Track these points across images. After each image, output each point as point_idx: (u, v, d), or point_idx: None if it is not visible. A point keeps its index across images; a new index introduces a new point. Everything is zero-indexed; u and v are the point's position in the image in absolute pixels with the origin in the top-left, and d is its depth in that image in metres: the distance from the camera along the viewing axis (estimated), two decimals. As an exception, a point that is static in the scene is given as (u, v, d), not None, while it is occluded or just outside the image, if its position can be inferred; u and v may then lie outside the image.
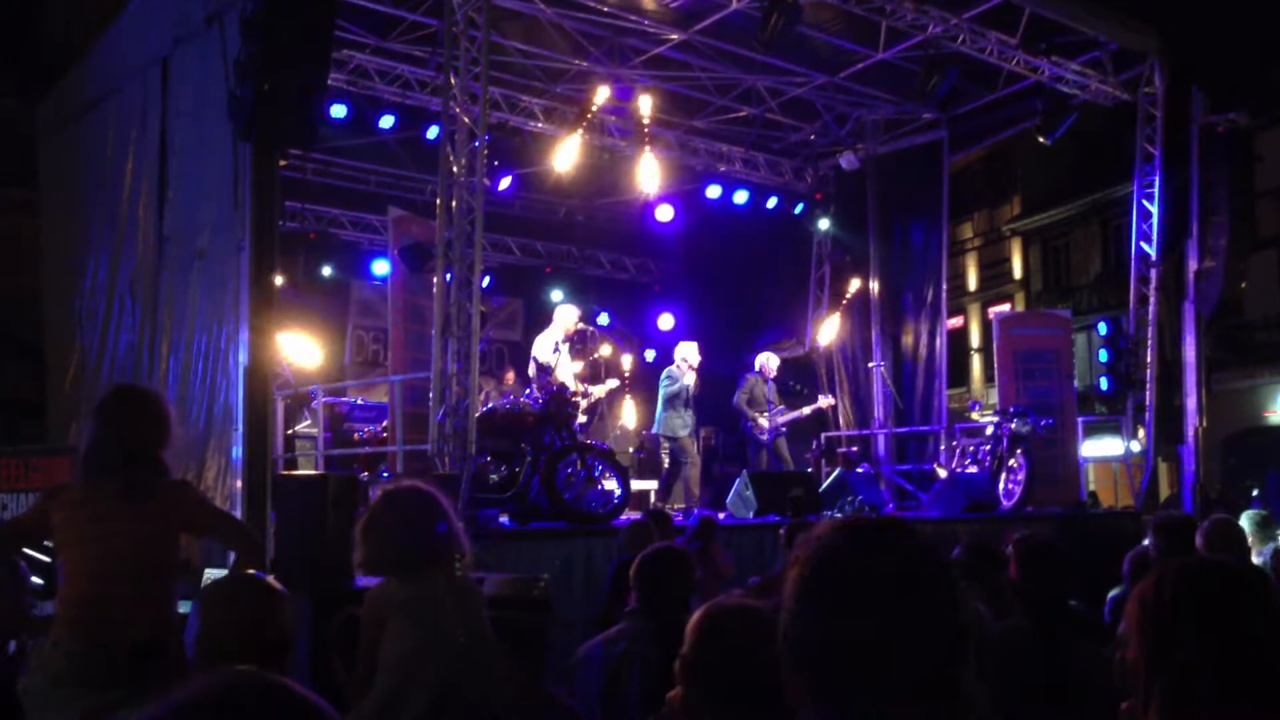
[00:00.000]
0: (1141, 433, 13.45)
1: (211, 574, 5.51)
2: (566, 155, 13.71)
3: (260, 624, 2.80)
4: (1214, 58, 14.00)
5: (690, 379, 12.15)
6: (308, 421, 12.12)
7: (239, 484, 7.05)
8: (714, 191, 15.91)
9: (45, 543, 4.42)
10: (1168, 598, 1.85)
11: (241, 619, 2.80)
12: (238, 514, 6.93)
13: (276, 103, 6.94)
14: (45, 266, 11.44)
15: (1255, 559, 5.98)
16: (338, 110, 12.40)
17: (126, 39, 9.80)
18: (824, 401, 14.05)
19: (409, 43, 12.65)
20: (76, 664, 3.66)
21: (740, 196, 16.01)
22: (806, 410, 13.75)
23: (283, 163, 7.77)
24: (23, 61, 16.08)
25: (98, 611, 3.74)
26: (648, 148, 14.00)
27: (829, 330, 15.94)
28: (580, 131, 13.63)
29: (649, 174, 14.11)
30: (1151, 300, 13.44)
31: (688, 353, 12.22)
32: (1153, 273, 13.47)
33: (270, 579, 3.01)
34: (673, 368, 12.25)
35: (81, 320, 9.98)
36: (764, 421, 12.80)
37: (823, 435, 14.79)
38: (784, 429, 13.12)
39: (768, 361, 13.25)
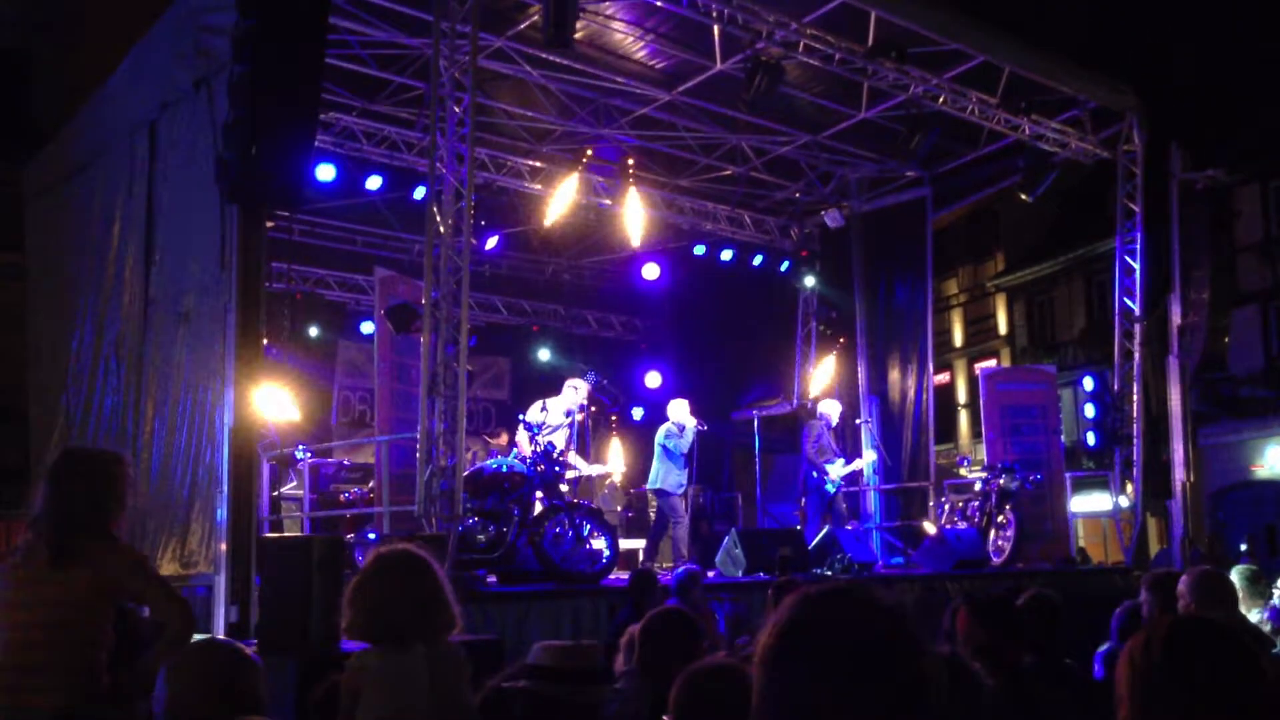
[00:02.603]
0: (1130, 488, 13.45)
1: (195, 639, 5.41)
2: (553, 213, 13.79)
3: (228, 691, 2.74)
4: (1191, 115, 14.20)
5: (690, 437, 12.04)
6: (294, 483, 12.04)
7: (223, 546, 6.98)
8: (700, 250, 16.02)
9: None
10: (1156, 657, 1.84)
11: (209, 687, 2.73)
12: (221, 578, 6.85)
13: (264, 166, 6.97)
14: (31, 330, 11.40)
15: (1252, 616, 5.93)
16: (325, 172, 12.46)
17: (114, 103, 9.86)
18: (870, 455, 13.98)
19: (396, 105, 12.77)
20: None
21: (726, 254, 16.11)
22: (859, 464, 13.74)
23: (270, 224, 7.78)
24: (10, 124, 16.16)
25: (20, 678, 3.64)
26: (633, 198, 14.07)
27: (816, 387, 15.96)
28: (566, 190, 13.72)
29: (635, 233, 14.19)
30: (1136, 355, 13.50)
31: (683, 411, 12.09)
32: (1137, 328, 13.55)
33: (240, 646, 2.96)
34: (671, 425, 12.12)
35: (67, 383, 9.93)
36: (835, 472, 12.65)
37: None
38: (841, 486, 13.01)
39: (830, 409, 13.18)
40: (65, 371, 9.99)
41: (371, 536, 9.70)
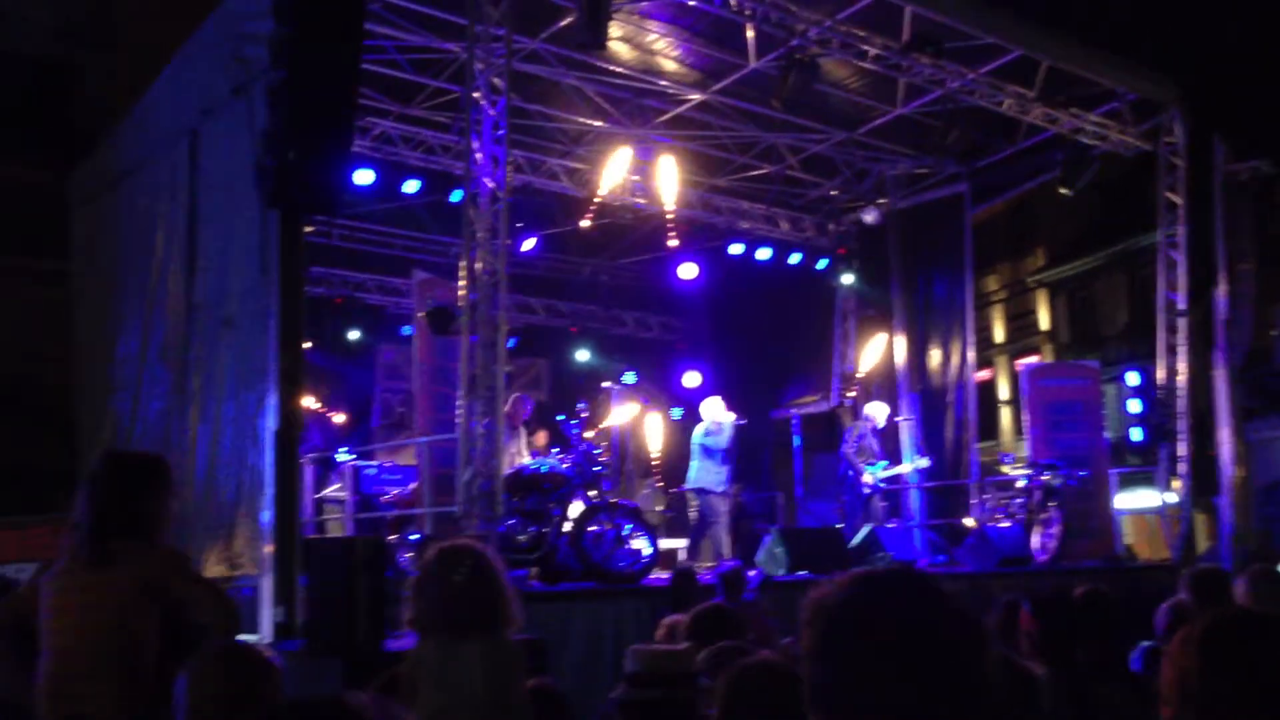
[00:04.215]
0: (1176, 484, 13.28)
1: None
2: (589, 216, 13.81)
3: (247, 696, 2.71)
4: (1234, 106, 14.00)
5: (728, 434, 12.02)
6: (336, 485, 12.14)
7: (268, 548, 7.04)
8: (737, 249, 15.97)
9: None
10: (1195, 654, 1.82)
11: (227, 692, 2.71)
12: (266, 579, 6.92)
13: (303, 171, 7.04)
14: (77, 335, 11.57)
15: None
16: (363, 176, 12.55)
17: (157, 110, 9.99)
18: (922, 461, 13.92)
19: (432, 109, 12.85)
20: None
21: (763, 253, 16.06)
22: (907, 468, 13.68)
23: (309, 229, 7.86)
24: (55, 132, 16.39)
25: (61, 686, 3.63)
26: (669, 207, 14.08)
27: (854, 385, 15.89)
28: (602, 192, 13.73)
29: (671, 234, 14.18)
30: (1181, 350, 13.33)
31: (718, 409, 12.10)
32: (1181, 322, 13.37)
33: (260, 648, 2.95)
34: (708, 423, 12.11)
35: (114, 388, 10.07)
36: (869, 477, 12.58)
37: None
38: (881, 485, 12.93)
39: (878, 412, 13.11)
40: (112, 376, 10.13)
41: (413, 537, 9.77)
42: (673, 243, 14.24)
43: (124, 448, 9.30)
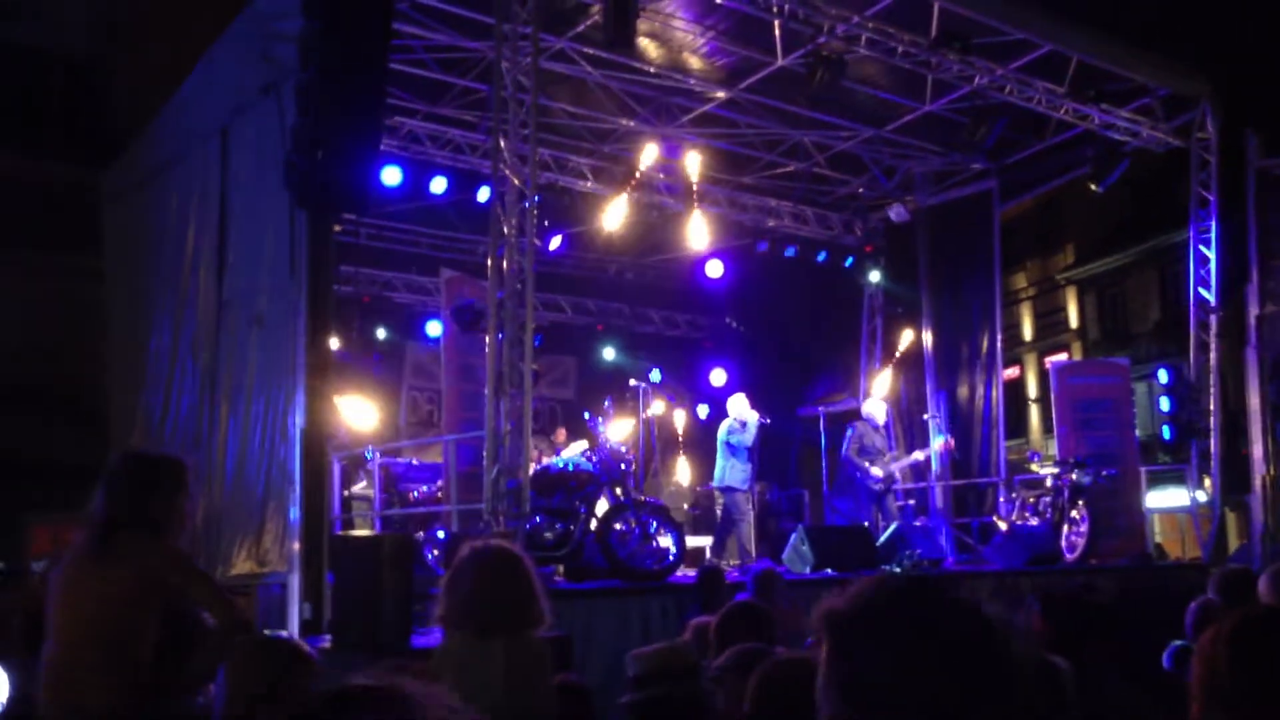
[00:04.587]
0: (1207, 482, 13.17)
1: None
2: (616, 214, 13.83)
3: (285, 686, 2.76)
4: (1266, 100, 13.85)
5: (753, 431, 12.00)
6: (364, 483, 12.21)
7: (296, 545, 7.10)
8: (763, 247, 15.94)
9: None
10: (1224, 652, 1.81)
11: (265, 683, 2.76)
12: (295, 577, 6.98)
13: (331, 169, 7.09)
14: (110, 331, 11.69)
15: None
16: (390, 175, 12.61)
17: (188, 108, 10.09)
18: (938, 443, 13.79)
19: (459, 108, 12.89)
20: None
21: (790, 251, 16.02)
22: (921, 455, 13.62)
23: (337, 228, 7.91)
24: (88, 130, 16.56)
25: (64, 676, 3.70)
26: (696, 205, 14.08)
27: (882, 383, 15.83)
28: (629, 190, 13.75)
29: (698, 231, 14.17)
30: (1213, 347, 13.21)
31: (743, 406, 12.07)
32: (1213, 319, 13.25)
33: (297, 641, 2.99)
34: (732, 420, 12.10)
35: (145, 384, 10.17)
36: (878, 470, 12.48)
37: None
38: (897, 479, 12.85)
39: (876, 409, 13.03)
40: (143, 373, 10.24)
41: (440, 535, 9.82)
42: (699, 241, 14.23)
43: (154, 444, 9.41)
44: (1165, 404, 13.61)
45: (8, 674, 4.66)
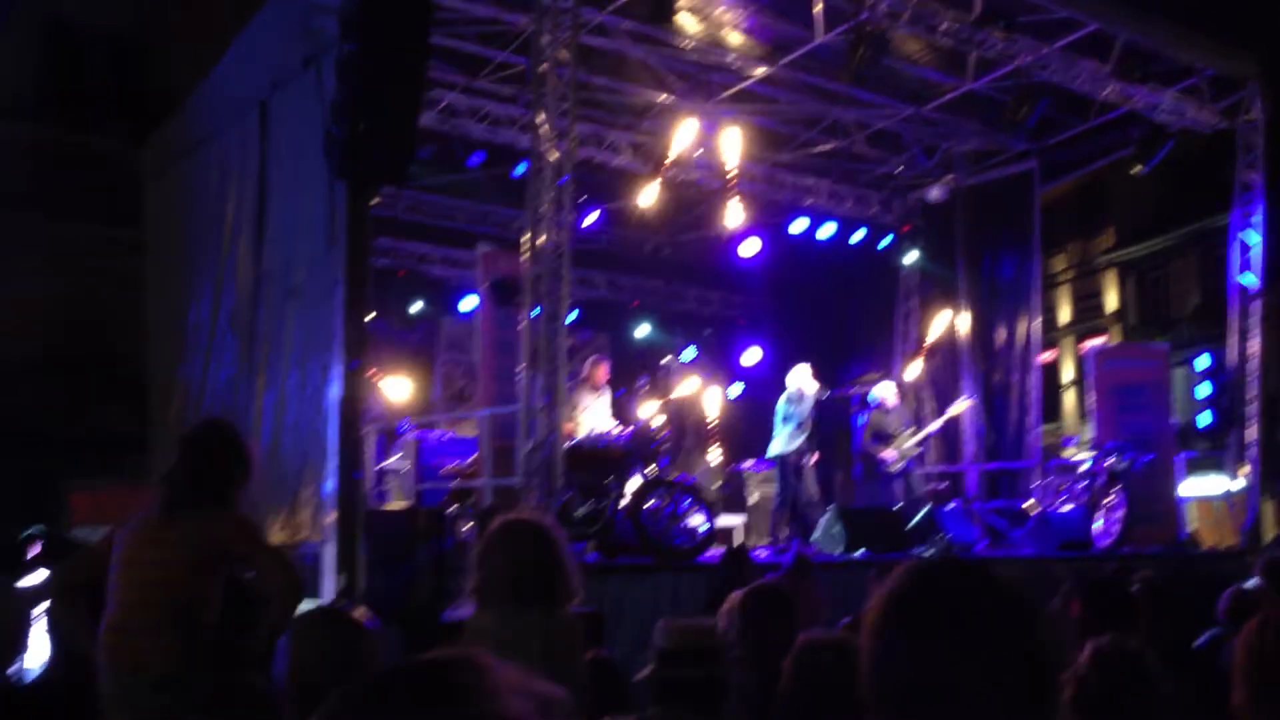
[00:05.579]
0: (1245, 469, 13.02)
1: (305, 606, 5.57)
2: (652, 191, 13.78)
3: (347, 659, 2.79)
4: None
5: (809, 404, 11.78)
6: (399, 455, 12.30)
7: (331, 517, 7.16)
8: (800, 225, 15.85)
9: None
10: (1271, 642, 1.79)
11: (328, 654, 2.78)
12: (329, 548, 7.04)
13: (371, 141, 7.11)
14: (150, 304, 11.80)
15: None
16: (428, 148, 12.61)
17: (228, 82, 10.13)
18: (960, 406, 13.60)
19: (497, 81, 12.86)
20: (111, 691, 3.72)
21: (826, 230, 15.92)
22: (937, 425, 13.52)
23: (375, 200, 7.93)
24: (129, 104, 16.69)
25: (126, 640, 3.75)
26: (733, 182, 14.00)
27: (917, 364, 15.74)
28: (665, 168, 13.69)
29: (734, 209, 14.09)
30: (1254, 333, 13.04)
31: (804, 377, 11.95)
32: (1255, 304, 13.08)
33: (360, 612, 3.02)
34: (792, 390, 11.88)
35: (185, 356, 10.27)
36: (892, 452, 12.36)
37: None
38: (913, 461, 12.68)
39: (885, 391, 12.87)
40: (183, 344, 10.34)
41: (473, 509, 9.88)
42: (736, 218, 14.15)
43: (193, 415, 9.51)
44: (1206, 389, 13.46)
45: (53, 641, 4.75)
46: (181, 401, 10.19)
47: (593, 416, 10.13)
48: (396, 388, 13.68)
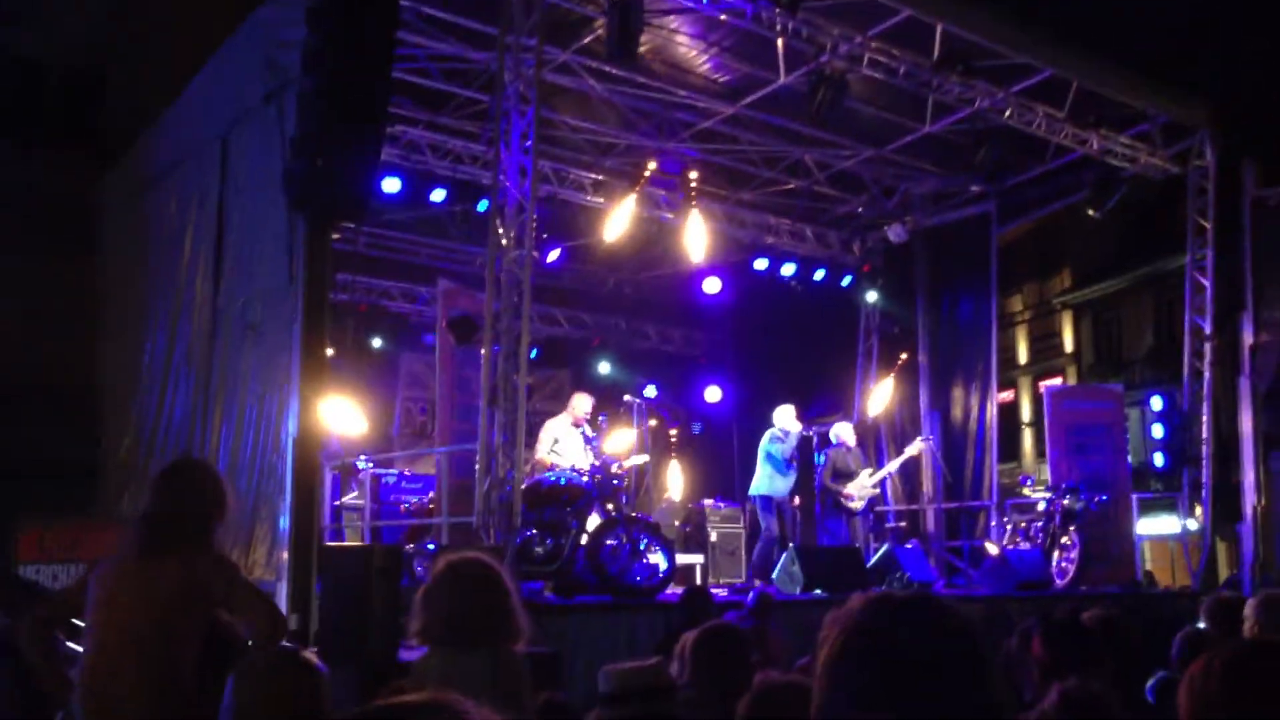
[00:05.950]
0: (1199, 510, 13.16)
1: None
2: (615, 227, 13.80)
3: (294, 703, 2.73)
4: (1264, 130, 13.90)
5: (794, 443, 11.80)
6: (355, 493, 12.17)
7: (285, 554, 7.07)
8: (761, 264, 15.94)
9: None
10: (1216, 684, 1.79)
11: (274, 697, 2.72)
12: (283, 586, 6.94)
13: (330, 177, 7.08)
14: (106, 335, 11.66)
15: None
16: (390, 184, 12.59)
17: (189, 115, 10.08)
18: (916, 447, 13.70)
19: (461, 118, 12.89)
20: None
21: (788, 268, 16.02)
22: (894, 465, 13.57)
23: (335, 236, 7.90)
24: (87, 138, 16.54)
25: (103, 683, 3.68)
26: (695, 214, 14.01)
27: (878, 403, 15.81)
28: (629, 203, 13.72)
29: (696, 244, 14.13)
30: (1206, 375, 13.24)
31: (788, 417, 11.96)
32: (1207, 347, 13.28)
33: (308, 655, 2.97)
34: (776, 430, 11.93)
35: (139, 390, 10.15)
36: (852, 490, 12.38)
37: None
38: (876, 498, 12.71)
39: (844, 431, 12.92)
40: (138, 377, 10.21)
41: (430, 547, 9.78)
42: (697, 256, 14.21)
43: (147, 449, 9.39)
44: (1159, 430, 13.62)
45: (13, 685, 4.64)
46: (135, 435, 10.06)
47: (571, 451, 10.10)
48: (355, 423, 13.56)
